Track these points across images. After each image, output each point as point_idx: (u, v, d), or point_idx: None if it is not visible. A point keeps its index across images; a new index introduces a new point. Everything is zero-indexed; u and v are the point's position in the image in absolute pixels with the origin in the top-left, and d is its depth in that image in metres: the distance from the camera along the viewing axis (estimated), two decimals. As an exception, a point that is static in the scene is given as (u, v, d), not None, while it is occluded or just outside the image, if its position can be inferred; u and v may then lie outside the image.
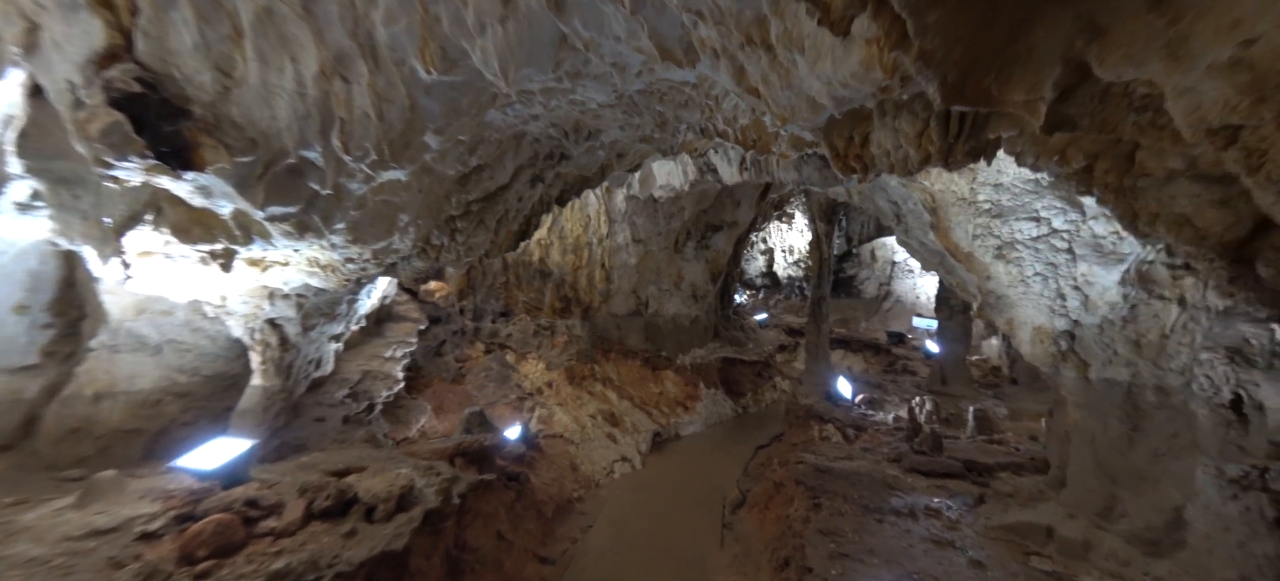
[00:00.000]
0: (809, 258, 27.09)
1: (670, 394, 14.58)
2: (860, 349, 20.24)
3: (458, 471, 6.87)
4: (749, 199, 15.55)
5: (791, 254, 29.25)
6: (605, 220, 13.61)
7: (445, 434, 8.46)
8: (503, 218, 6.68)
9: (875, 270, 24.12)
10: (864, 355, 20.46)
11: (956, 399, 11.93)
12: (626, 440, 12.08)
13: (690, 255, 15.93)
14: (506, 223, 6.87)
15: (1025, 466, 7.85)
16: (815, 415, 11.51)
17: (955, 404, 11.54)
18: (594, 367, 13.57)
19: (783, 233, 28.98)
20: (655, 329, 15.83)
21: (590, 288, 14.35)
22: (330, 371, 7.22)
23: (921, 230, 7.25)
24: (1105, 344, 5.31)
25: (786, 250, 29.32)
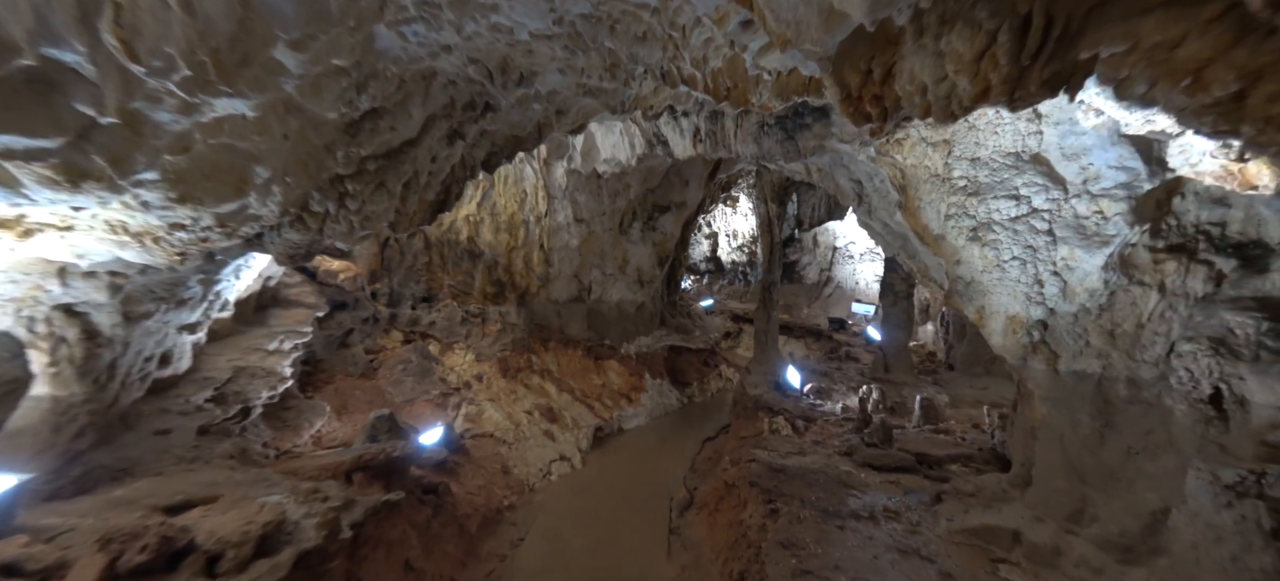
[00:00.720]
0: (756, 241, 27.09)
1: (614, 385, 13.71)
2: (802, 335, 20.38)
3: (355, 492, 5.60)
4: (698, 178, 14.84)
5: (736, 239, 29.16)
6: (543, 196, 12.37)
7: (345, 441, 7.07)
8: (412, 182, 5.40)
9: (817, 256, 24.44)
10: (806, 341, 20.64)
11: (900, 386, 11.95)
12: (566, 437, 11.10)
13: (636, 237, 15.02)
14: (417, 189, 5.58)
15: (974, 458, 7.72)
16: (764, 406, 11.07)
17: (899, 391, 11.53)
18: (531, 358, 12.41)
19: (727, 217, 28.78)
20: (599, 316, 14.85)
21: (527, 271, 13.09)
22: (185, 369, 5.66)
23: (887, 211, 6.74)
24: (1078, 334, 4.98)
25: (731, 234, 29.19)
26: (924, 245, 6.34)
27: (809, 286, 25.35)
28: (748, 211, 27.59)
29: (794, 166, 8.85)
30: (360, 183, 4.67)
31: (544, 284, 13.51)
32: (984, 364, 11.48)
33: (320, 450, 6.62)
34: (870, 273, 20.80)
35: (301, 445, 6.74)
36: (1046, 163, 4.83)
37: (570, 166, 12.15)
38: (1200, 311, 4.41)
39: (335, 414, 7.88)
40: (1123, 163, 4.50)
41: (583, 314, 14.54)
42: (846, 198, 8.02)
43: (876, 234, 7.65)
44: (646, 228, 15.26)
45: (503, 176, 11.80)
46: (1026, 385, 5.54)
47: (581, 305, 14.63)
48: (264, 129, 3.79)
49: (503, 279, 12.61)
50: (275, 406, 6.89)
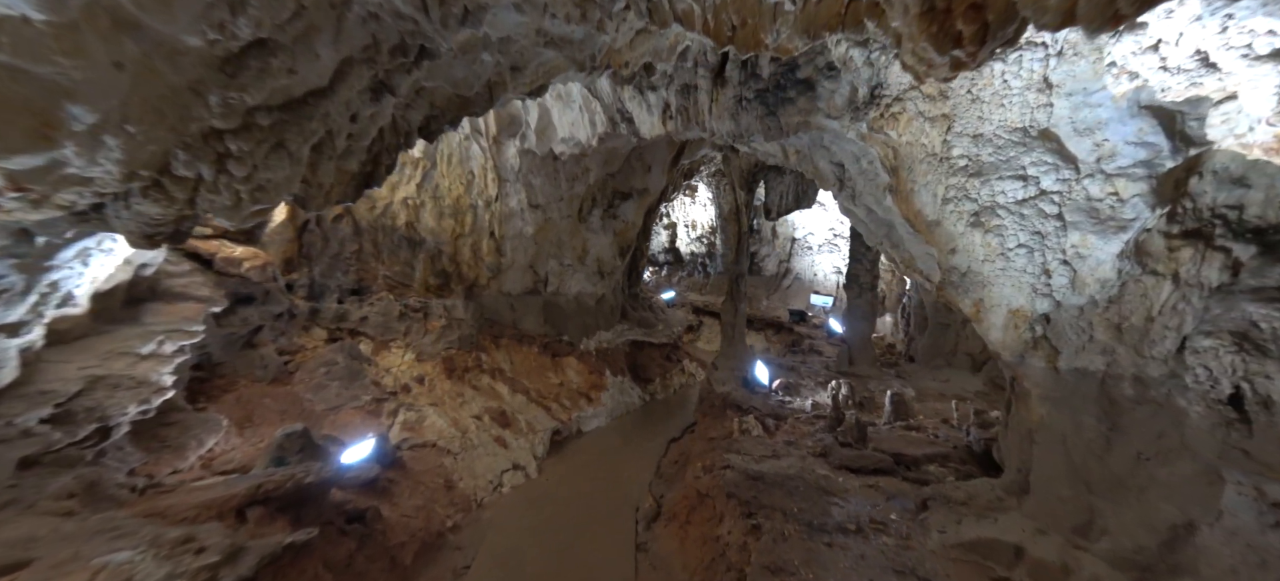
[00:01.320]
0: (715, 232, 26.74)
1: (573, 384, 12.79)
2: (763, 327, 20.19)
3: (248, 534, 4.46)
4: (661, 163, 14.07)
5: (695, 229, 28.77)
6: (494, 179, 11.21)
7: (245, 464, 5.81)
8: (324, 145, 4.27)
9: (775, 248, 24.39)
10: (766, 333, 20.48)
11: (865, 380, 11.76)
12: (520, 443, 10.11)
13: (596, 225, 14.09)
14: (332, 154, 4.45)
15: (951, 457, 7.45)
16: (733, 404, 10.53)
17: (866, 386, 11.33)
18: (480, 357, 11.27)
19: (686, 207, 28.31)
20: (556, 309, 13.85)
21: (476, 261, 11.90)
22: (7, 381, 4.31)
23: (874, 195, 6.21)
24: (1081, 328, 4.60)
25: (690, 225, 28.76)
26: (914, 233, 5.85)
27: (768, 278, 25.31)
28: (707, 201, 27.21)
29: (769, 148, 8.24)
30: (248, 140, 3.54)
31: (495, 275, 12.36)
32: (945, 356, 11.48)
33: (208, 478, 5.35)
34: (829, 264, 20.87)
35: (184, 471, 5.44)
36: (1056, 139, 4.37)
37: (524, 146, 11.04)
38: (1217, 303, 4.07)
39: (236, 428, 6.55)
40: (1142, 138, 4.09)
41: (539, 307, 13.50)
42: (826, 182, 7.49)
43: (859, 221, 7.15)
44: (607, 215, 14.36)
45: (446, 156, 10.54)
46: (1022, 384, 5.16)
47: (537, 298, 13.58)
48: (76, 49, 2.64)
49: (448, 269, 11.37)
50: (150, 423, 5.55)
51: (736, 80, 6.83)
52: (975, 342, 10.72)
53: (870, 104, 5.41)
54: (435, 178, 10.71)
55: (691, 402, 14.57)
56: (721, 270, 27.22)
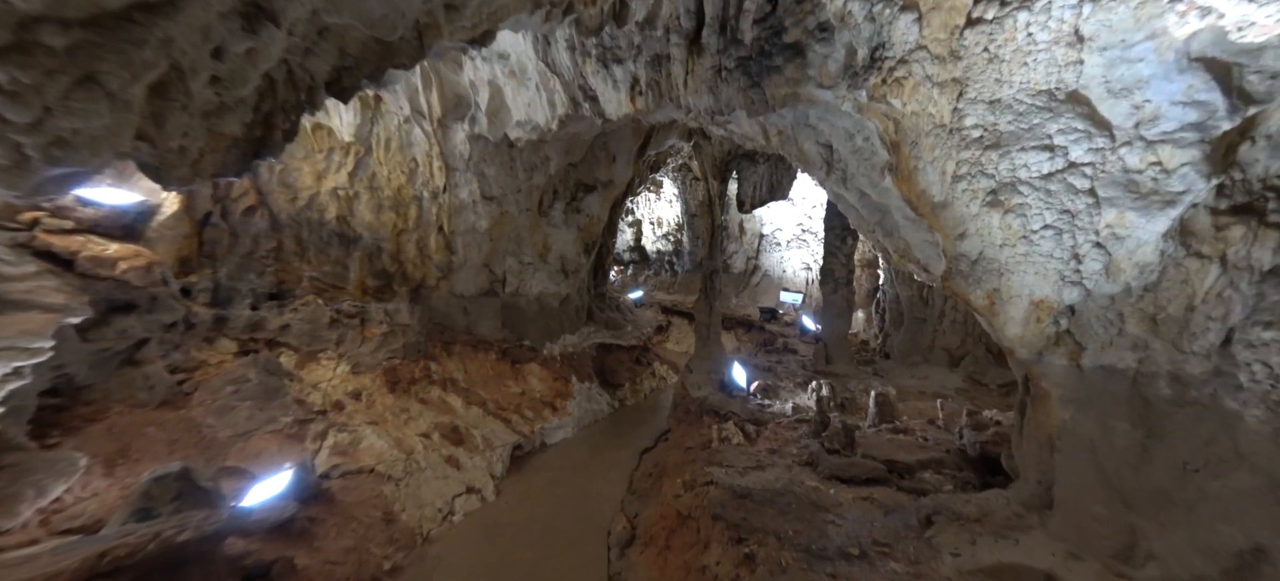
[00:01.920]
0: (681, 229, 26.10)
1: (535, 393, 11.74)
2: (733, 325, 19.65)
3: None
4: (627, 153, 13.19)
5: (660, 226, 28.10)
6: (441, 167, 10.03)
7: (97, 519, 4.53)
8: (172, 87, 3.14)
9: (743, 244, 23.98)
10: (737, 332, 19.96)
11: (843, 379, 11.28)
12: (475, 462, 9.00)
13: (558, 220, 13.08)
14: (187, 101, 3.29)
15: (945, 463, 6.91)
16: (710, 410, 9.78)
17: (845, 385, 10.84)
18: (429, 366, 10.07)
19: (651, 204, 27.61)
20: (516, 312, 12.74)
21: (423, 259, 10.67)
22: None
23: (869, 177, 5.54)
24: (1109, 320, 4.03)
25: (655, 222, 28.07)
26: (913, 218, 5.20)
27: (736, 275, 24.89)
28: (673, 197, 26.56)
29: (748, 129, 7.50)
30: (29, 67, 2.41)
31: (445, 275, 11.15)
32: (921, 352, 11.14)
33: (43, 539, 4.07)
34: (798, 260, 20.57)
35: (10, 533, 4.13)
36: (1087, 102, 3.77)
37: (474, 131, 9.92)
38: (1275, 289, 3.54)
39: (104, 468, 5.22)
40: (1192, 96, 3.52)
41: (496, 310, 12.35)
42: (812, 166, 6.80)
43: (849, 207, 6.49)
44: (570, 209, 13.36)
45: (383, 140, 9.29)
46: (1040, 384, 4.57)
47: (494, 300, 12.43)
48: None
49: (389, 269, 10.10)
50: (-31, 473, 4.20)
51: (714, 48, 6.03)
52: (953, 338, 10.41)
53: (870, 68, 4.71)
54: (371, 165, 9.44)
55: (664, 407, 13.77)
56: (690, 268, 26.64)
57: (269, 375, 7.44)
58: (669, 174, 24.40)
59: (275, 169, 8.49)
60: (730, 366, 10.47)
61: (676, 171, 24.36)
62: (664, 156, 16.67)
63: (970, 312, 10.88)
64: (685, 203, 25.82)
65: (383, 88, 7.45)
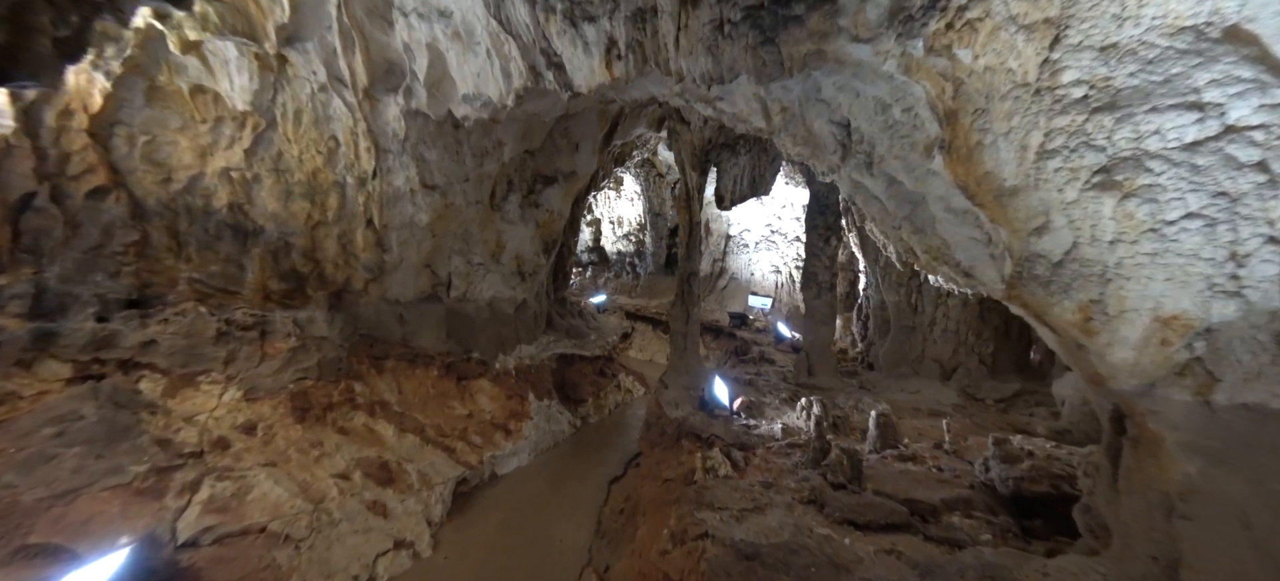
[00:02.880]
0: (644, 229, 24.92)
1: (485, 414, 10.13)
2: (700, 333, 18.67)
3: None
4: (591, 141, 11.82)
5: (621, 226, 26.84)
6: (368, 148, 8.29)
7: None
8: None
9: (709, 245, 23.09)
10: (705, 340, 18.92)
11: (829, 392, 10.39)
12: (408, 506, 7.36)
13: (514, 215, 11.51)
14: None
15: (974, 503, 5.98)
16: (690, 432, 8.56)
17: (833, 401, 9.94)
18: (353, 387, 8.28)
19: (612, 202, 26.30)
20: (463, 320, 11.06)
21: (346, 258, 8.85)
22: None
23: (905, 158, 4.48)
24: (1260, 344, 3.08)
25: (615, 221, 26.79)
26: (967, 207, 4.17)
27: (702, 278, 23.96)
28: (635, 195, 25.36)
29: (743, 108, 6.34)
30: None
31: (376, 276, 9.36)
32: (910, 363, 10.43)
33: None
34: (767, 263, 19.85)
35: None
36: (1256, 41, 2.80)
37: (410, 106, 8.25)
38: None
39: None
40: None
41: (439, 318, 10.64)
42: (821, 151, 5.71)
43: (870, 199, 5.43)
44: (527, 203, 11.83)
45: (291, 112, 7.47)
46: (1145, 425, 3.61)
47: (437, 306, 10.71)
48: None
49: (302, 269, 8.24)
50: None
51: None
52: (944, 348, 9.74)
53: (930, 10, 3.62)
54: (276, 142, 7.57)
55: (631, 425, 12.46)
56: (652, 270, 25.51)
57: (116, 409, 5.53)
58: (631, 169, 23.19)
59: (138, 140, 6.51)
60: (711, 381, 9.31)
61: (639, 167, 23.18)
62: (629, 148, 15.41)
63: (963, 321, 10.31)
64: (648, 201, 24.68)
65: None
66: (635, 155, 15.82)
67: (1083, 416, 6.91)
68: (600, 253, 27.90)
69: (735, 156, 9.95)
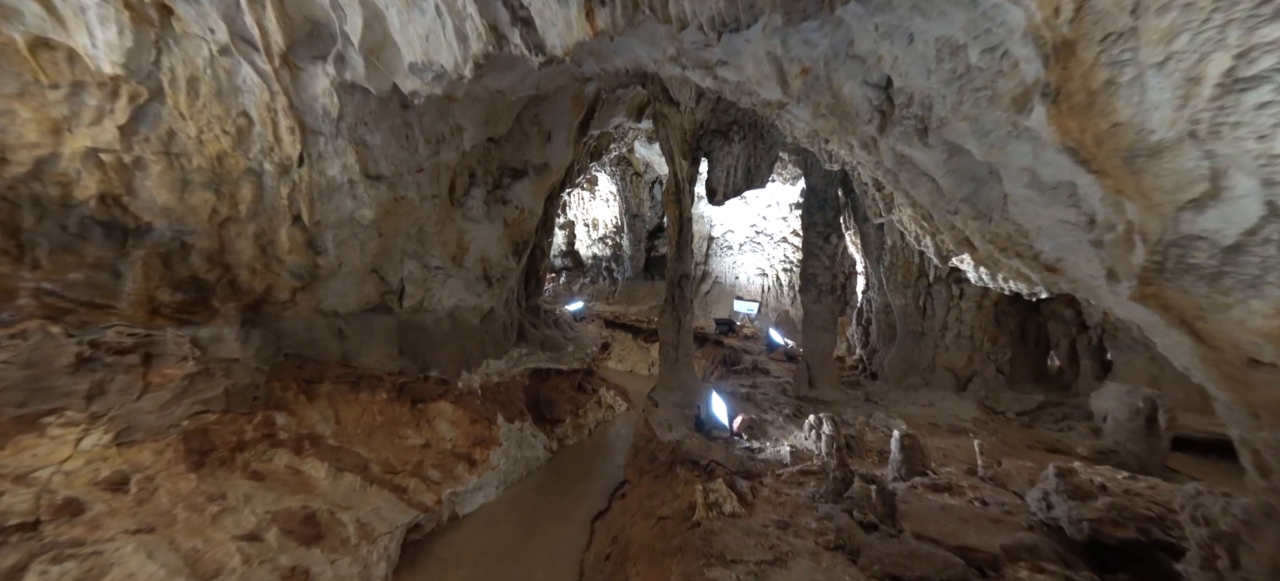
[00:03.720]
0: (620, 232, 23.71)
1: (445, 442, 8.69)
2: (683, 339, 17.56)
3: None
4: (564, 129, 10.55)
5: (596, 228, 25.61)
6: (292, 128, 6.82)
7: None
8: None
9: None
10: (688, 346, 17.91)
11: (832, 406, 9.38)
12: (341, 569, 5.90)
13: (478, 212, 10.12)
14: None
15: (1040, 550, 4.93)
16: (686, 458, 7.36)
17: (838, 414, 8.91)
18: (274, 419, 6.75)
19: (586, 203, 25.05)
20: (419, 333, 9.59)
21: (266, 262, 7.32)
22: None
23: (980, 118, 3.41)
24: None
25: (590, 224, 25.53)
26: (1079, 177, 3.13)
27: (683, 283, 22.92)
28: (610, 195, 24.16)
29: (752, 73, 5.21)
30: None
31: (307, 284, 7.83)
32: (920, 373, 9.50)
33: None
34: (752, 266, 18.91)
35: None
36: None
37: (344, 77, 6.81)
38: None
39: None
40: None
41: (389, 331, 9.14)
42: (851, 121, 4.61)
43: (918, 178, 4.36)
44: (493, 199, 10.45)
45: (184, 80, 5.94)
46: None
47: (387, 317, 9.21)
48: None
49: (205, 276, 6.67)
50: None
51: (730, -98, 3.66)
52: (958, 356, 8.84)
53: (1054, -110, 2.54)
54: (165, 118, 6.01)
55: (613, 446, 11.17)
56: (631, 275, 24.32)
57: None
58: (606, 167, 22.00)
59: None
60: (707, 399, 8.13)
61: (615, 164, 22.02)
62: (606, 141, 14.20)
63: (978, 326, 9.40)
64: (625, 201, 23.54)
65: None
66: (613, 148, 14.61)
67: (1130, 435, 6.01)
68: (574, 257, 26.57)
69: (728, 144, 8.85)
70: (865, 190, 8.56)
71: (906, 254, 9.14)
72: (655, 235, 24.87)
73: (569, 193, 22.79)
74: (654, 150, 18.99)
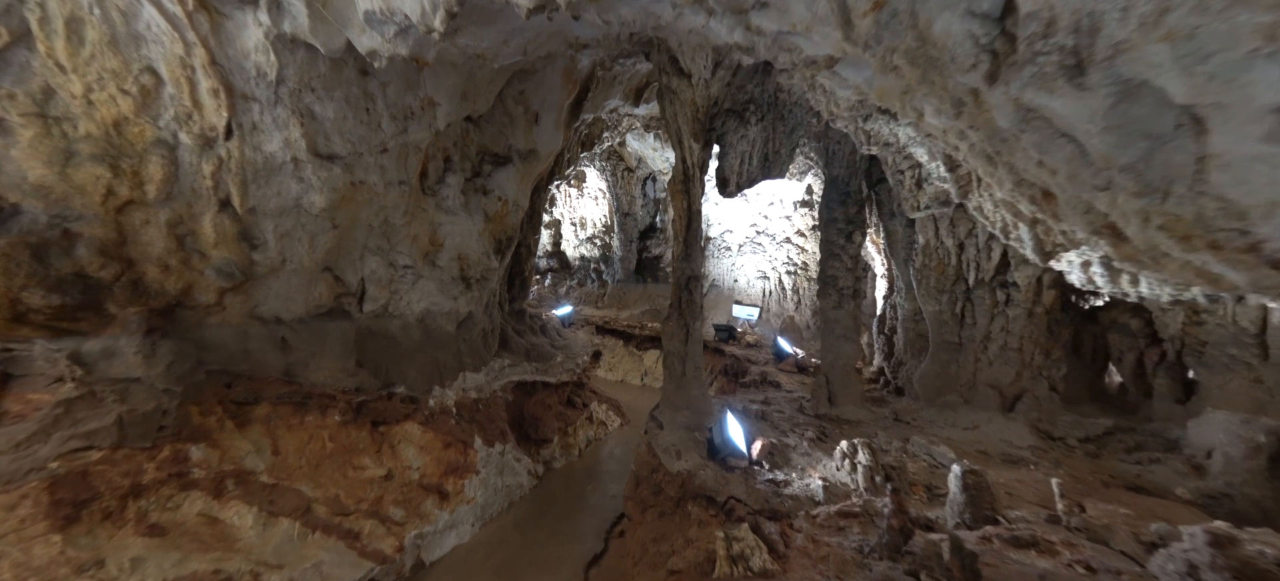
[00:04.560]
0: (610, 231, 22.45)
1: (412, 473, 7.36)
2: (679, 345, 16.37)
3: None
4: (554, 111, 9.30)
5: (584, 228, 24.30)
6: (215, 90, 5.46)
7: None
8: None
9: (686, 252, 20.89)
10: (684, 353, 16.72)
11: (857, 426, 8.26)
12: (262, 655, 4.53)
13: (453, 203, 8.80)
14: None
15: None
16: (699, 494, 6.16)
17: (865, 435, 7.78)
18: (185, 454, 5.35)
19: (573, 200, 23.73)
20: (383, 342, 8.22)
21: (184, 256, 5.92)
22: None
23: (1197, 35, 2.25)
24: None
25: (578, 223, 24.21)
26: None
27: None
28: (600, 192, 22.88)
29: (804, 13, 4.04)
30: None
31: (239, 284, 6.44)
32: (959, 390, 8.39)
33: None
34: (752, 268, 17.80)
35: None
36: None
37: (283, 28, 5.47)
38: None
39: None
40: None
41: (345, 341, 7.76)
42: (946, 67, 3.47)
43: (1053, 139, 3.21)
44: (472, 188, 9.13)
45: (64, 23, 4.55)
46: None
47: (343, 324, 7.84)
48: None
49: (96, 273, 5.26)
50: None
51: None
52: (1004, 370, 7.75)
53: None
54: (36, 69, 4.62)
55: (609, 470, 9.90)
56: (621, 278, 23.06)
57: None
58: (596, 162, 20.75)
59: None
60: (722, 420, 6.93)
61: (605, 159, 20.78)
62: (598, 130, 12.96)
63: (1028, 336, 8.20)
64: (615, 199, 22.30)
65: None
66: (605, 138, 13.37)
67: (1249, 477, 4.93)
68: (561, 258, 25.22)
69: (744, 127, 7.69)
70: (899, 179, 7.47)
71: (941, 254, 8.07)
72: (647, 235, 23.69)
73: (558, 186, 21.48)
74: (647, 143, 17.79)
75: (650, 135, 16.23)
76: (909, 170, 7.00)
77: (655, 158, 19.06)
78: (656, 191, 22.59)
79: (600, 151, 18.28)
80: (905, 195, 7.12)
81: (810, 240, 15.57)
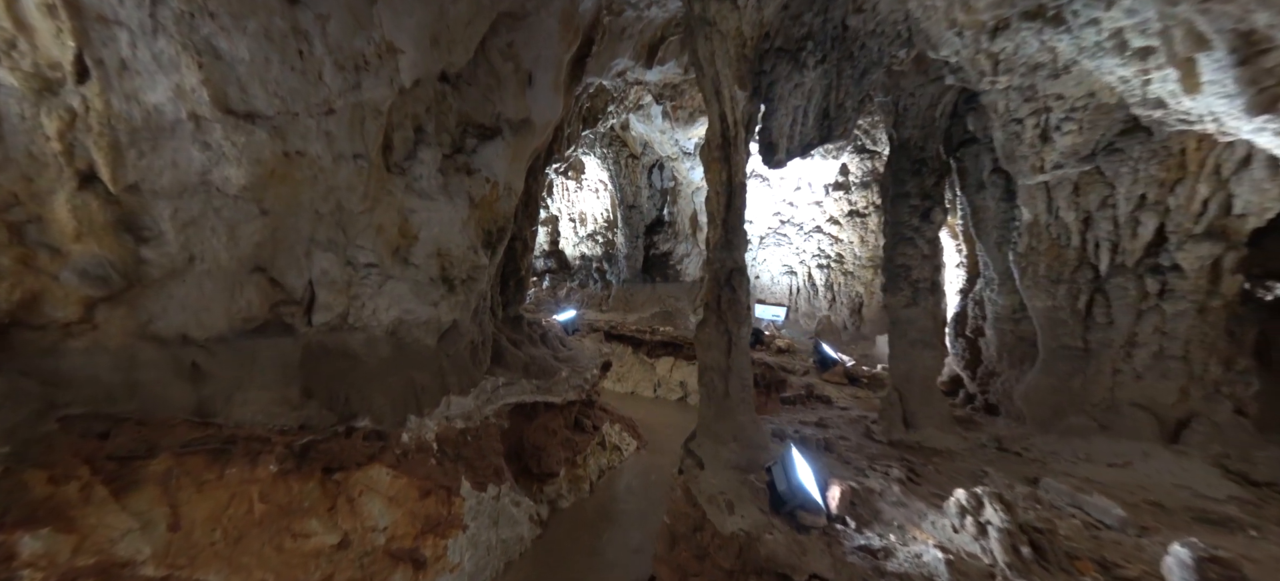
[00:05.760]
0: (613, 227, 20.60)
1: (377, 534, 5.56)
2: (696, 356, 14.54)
3: None
4: (551, 69, 7.48)
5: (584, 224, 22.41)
6: (49, 6, 3.60)
7: None
8: None
9: (698, 242, 19.12)
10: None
11: (947, 458, 6.44)
12: None
13: (430, 184, 6.97)
14: None
15: None
16: (769, 570, 4.35)
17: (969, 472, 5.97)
18: (8, 550, 3.52)
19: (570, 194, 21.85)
20: (338, 363, 6.39)
21: (23, 254, 4.08)
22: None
23: None
24: None
25: (577, 218, 22.32)
26: None
27: (689, 285, 19.87)
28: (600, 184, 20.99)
29: None
30: None
31: (118, 293, 4.62)
32: (1088, 411, 6.40)
33: None
34: (776, 262, 15.99)
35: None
36: None
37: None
38: None
39: None
40: None
41: (285, 364, 5.93)
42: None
43: None
44: (452, 165, 7.31)
45: None
46: None
47: (282, 342, 6.00)
48: None
49: None
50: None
51: None
52: (1162, 386, 5.75)
53: None
54: None
55: (627, 509, 8.08)
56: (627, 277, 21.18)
57: None
58: (596, 150, 18.92)
59: None
60: (787, 457, 5.09)
61: (606, 145, 18.93)
62: (601, 103, 11.13)
63: (1195, 339, 5.11)
64: (619, 190, 20.43)
65: None
66: (610, 112, 11.55)
67: None
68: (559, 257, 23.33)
69: (799, 72, 5.87)
70: (1015, 132, 5.63)
71: (1055, 232, 6.25)
72: (654, 229, 21.83)
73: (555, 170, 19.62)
74: (653, 125, 15.95)
75: (655, 118, 14.42)
76: (1032, 117, 5.19)
77: (663, 141, 17.23)
78: (664, 180, 20.75)
79: (603, 134, 16.48)
80: (1024, 151, 5.32)
81: (846, 228, 13.78)
